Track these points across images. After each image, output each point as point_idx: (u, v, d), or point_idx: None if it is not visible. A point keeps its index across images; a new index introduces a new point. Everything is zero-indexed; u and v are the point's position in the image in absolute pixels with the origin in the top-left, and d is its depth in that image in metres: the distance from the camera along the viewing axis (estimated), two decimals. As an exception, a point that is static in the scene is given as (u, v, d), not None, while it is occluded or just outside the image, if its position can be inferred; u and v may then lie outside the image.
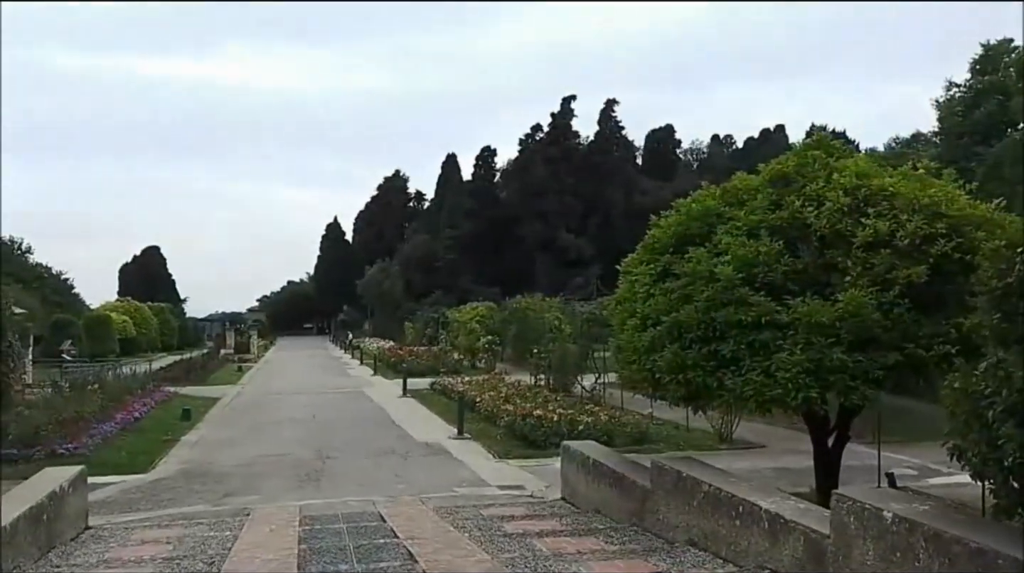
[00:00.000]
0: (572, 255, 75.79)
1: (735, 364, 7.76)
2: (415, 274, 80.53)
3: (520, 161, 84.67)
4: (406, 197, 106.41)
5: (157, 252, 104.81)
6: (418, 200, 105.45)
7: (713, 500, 7.15)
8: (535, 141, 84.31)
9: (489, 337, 38.34)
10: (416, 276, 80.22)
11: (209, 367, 42.72)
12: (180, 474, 14.53)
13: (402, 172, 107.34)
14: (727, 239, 8.23)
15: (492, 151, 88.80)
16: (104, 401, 21.07)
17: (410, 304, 72.29)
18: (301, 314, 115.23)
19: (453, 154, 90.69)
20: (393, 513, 9.80)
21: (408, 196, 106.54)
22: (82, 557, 7.93)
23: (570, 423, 16.18)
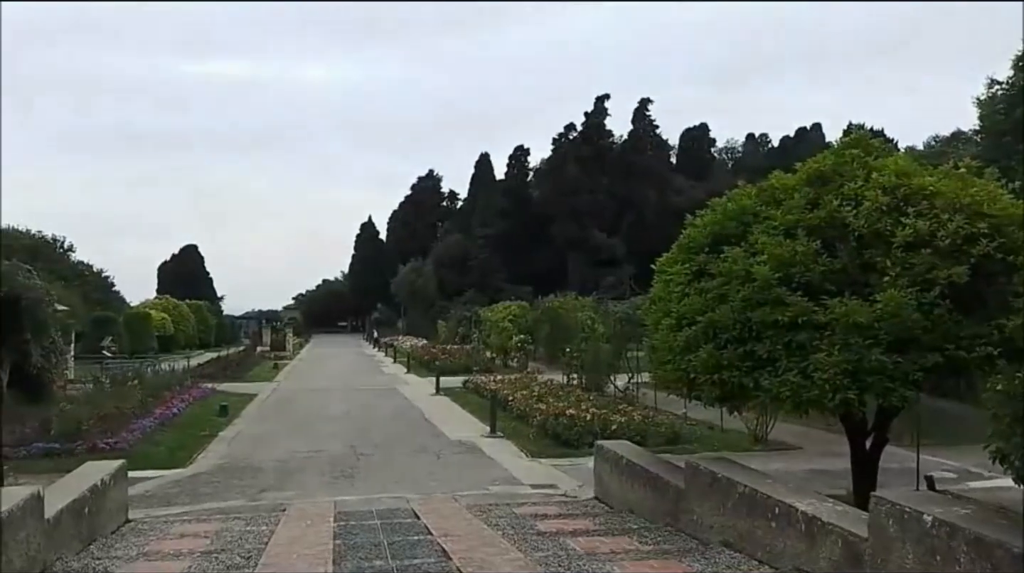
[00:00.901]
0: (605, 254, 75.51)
1: (771, 365, 7.68)
2: (448, 273, 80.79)
3: (553, 160, 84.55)
4: (439, 196, 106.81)
5: (195, 251, 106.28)
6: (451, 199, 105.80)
7: (748, 501, 7.10)
8: (568, 140, 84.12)
9: (521, 336, 38.34)
10: (449, 275, 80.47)
11: (245, 364, 43.23)
12: (217, 469, 14.72)
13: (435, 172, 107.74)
14: (763, 239, 8.15)
15: (525, 150, 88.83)
16: (143, 397, 21.44)
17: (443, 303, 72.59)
18: (335, 312, 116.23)
19: (486, 153, 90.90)
20: (426, 510, 9.86)
21: (441, 195, 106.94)
22: (122, 550, 8.07)
23: (603, 423, 16.14)
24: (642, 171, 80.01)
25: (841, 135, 12.66)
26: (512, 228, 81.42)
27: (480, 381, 27.64)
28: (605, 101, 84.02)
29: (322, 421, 21.14)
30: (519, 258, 79.40)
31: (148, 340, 48.06)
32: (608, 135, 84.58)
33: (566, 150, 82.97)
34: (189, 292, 74.99)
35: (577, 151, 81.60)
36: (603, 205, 78.98)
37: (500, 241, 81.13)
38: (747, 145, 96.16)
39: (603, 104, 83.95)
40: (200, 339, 62.09)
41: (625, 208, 79.09)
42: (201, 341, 61.72)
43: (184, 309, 61.89)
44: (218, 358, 42.59)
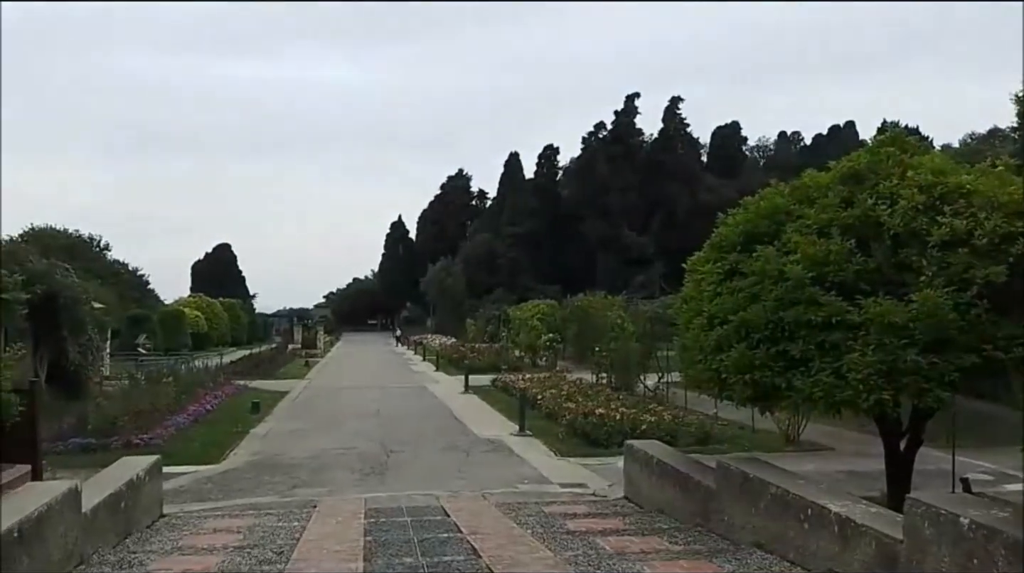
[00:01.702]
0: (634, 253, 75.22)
1: (804, 365, 7.60)
2: (477, 272, 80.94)
3: (583, 159, 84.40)
4: (468, 196, 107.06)
5: (228, 249, 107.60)
6: (480, 199, 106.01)
7: (780, 502, 7.04)
8: (598, 139, 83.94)
9: (550, 335, 38.31)
10: (478, 274, 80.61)
11: (277, 361, 43.65)
12: (250, 465, 14.89)
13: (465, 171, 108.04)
14: (797, 238, 8.06)
15: (555, 149, 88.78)
16: (177, 393, 21.75)
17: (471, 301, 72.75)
18: (365, 310, 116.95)
19: (516, 153, 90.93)
20: (456, 508, 9.89)
21: (471, 195, 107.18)
22: (157, 544, 8.18)
23: (632, 422, 16.09)
24: (672, 169, 79.58)
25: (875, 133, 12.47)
26: (541, 227, 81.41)
27: (509, 380, 27.69)
28: (635, 99, 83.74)
29: (352, 418, 21.30)
30: (548, 257, 79.39)
31: (182, 337, 48.70)
32: (638, 133, 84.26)
33: (596, 149, 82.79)
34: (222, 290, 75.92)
35: (607, 150, 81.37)
36: (633, 204, 78.68)
37: (529, 240, 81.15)
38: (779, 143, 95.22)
39: (633, 102, 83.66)
40: (233, 337, 62.81)
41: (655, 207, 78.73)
42: (234, 339, 62.43)
43: (217, 307, 62.65)
44: (250, 355, 43.04)
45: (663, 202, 78.40)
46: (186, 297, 65.16)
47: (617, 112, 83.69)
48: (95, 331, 22.64)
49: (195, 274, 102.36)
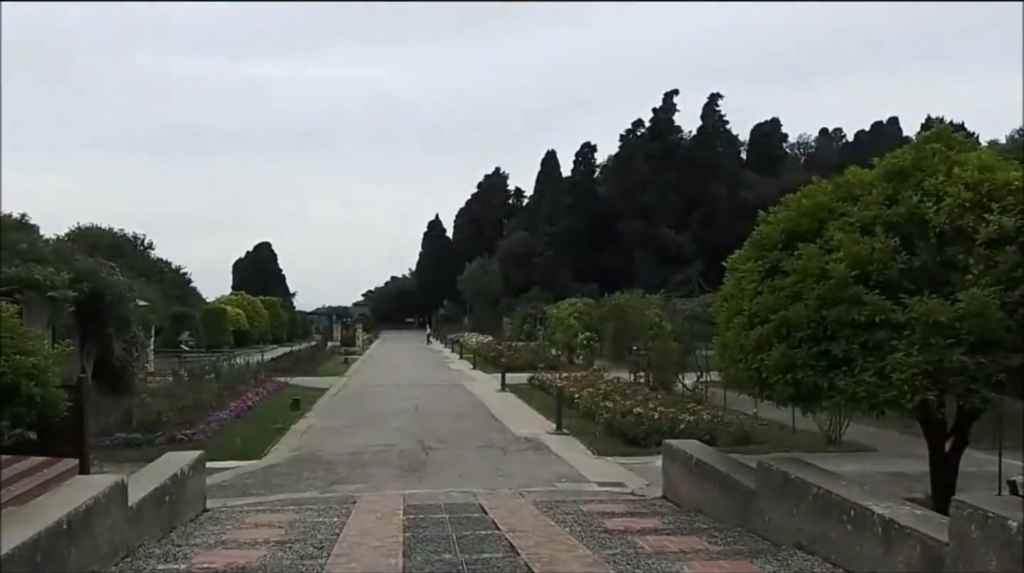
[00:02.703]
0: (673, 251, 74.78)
1: (847, 364, 7.48)
2: (513, 270, 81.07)
3: (621, 157, 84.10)
4: (505, 194, 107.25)
5: (268, 248, 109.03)
6: (517, 197, 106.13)
7: (822, 503, 6.95)
8: (636, 137, 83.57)
9: (587, 333, 38.22)
10: (514, 272, 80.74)
11: (317, 359, 44.13)
12: (291, 461, 15.06)
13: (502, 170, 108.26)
14: (839, 235, 7.93)
15: (592, 147, 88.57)
16: (220, 390, 22.11)
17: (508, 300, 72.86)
18: (403, 308, 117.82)
19: (553, 151, 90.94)
20: (494, 505, 9.91)
21: (507, 193, 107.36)
22: (201, 538, 8.30)
23: (671, 421, 15.99)
24: (711, 167, 78.96)
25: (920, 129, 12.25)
26: (578, 225, 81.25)
27: (545, 378, 27.66)
28: (674, 97, 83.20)
29: (390, 415, 21.45)
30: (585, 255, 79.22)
31: (224, 335, 49.41)
32: (677, 131, 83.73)
33: (634, 146, 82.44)
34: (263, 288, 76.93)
35: (645, 147, 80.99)
36: (671, 201, 78.21)
37: (566, 238, 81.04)
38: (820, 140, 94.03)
39: (672, 100, 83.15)
40: (273, 334, 63.57)
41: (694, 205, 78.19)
42: (274, 336, 63.18)
43: (258, 305, 63.46)
44: (290, 353, 43.57)
45: (702, 200, 77.84)
46: (228, 295, 66.10)
47: (655, 109, 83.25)
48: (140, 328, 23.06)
49: (236, 272, 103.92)
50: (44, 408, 7.94)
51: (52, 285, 15.51)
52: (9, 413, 7.57)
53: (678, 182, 78.62)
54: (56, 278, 15.83)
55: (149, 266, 48.80)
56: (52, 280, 15.56)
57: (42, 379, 7.86)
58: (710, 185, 77.74)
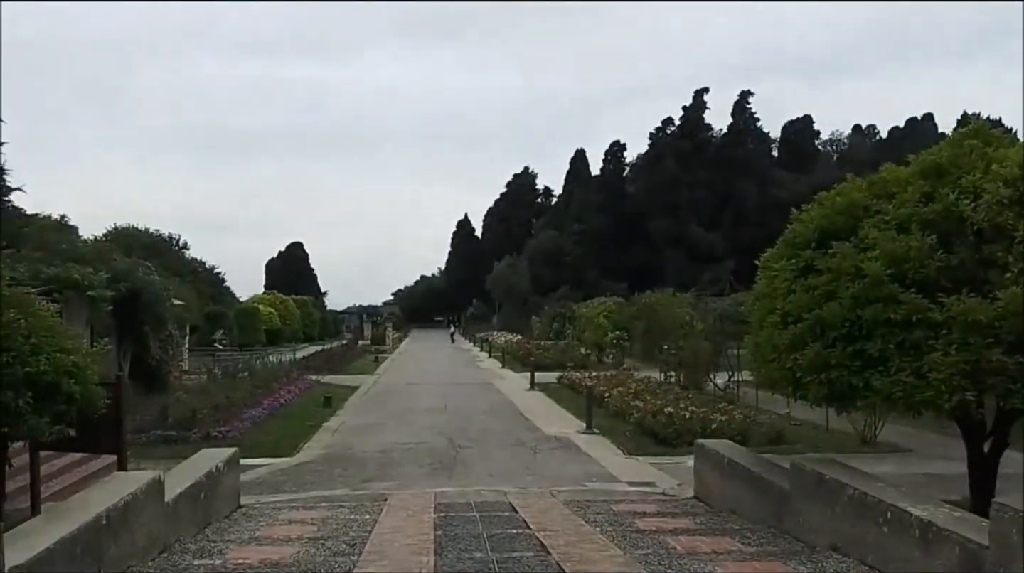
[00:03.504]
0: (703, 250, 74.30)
1: (883, 364, 7.38)
2: (542, 269, 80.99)
3: (650, 155, 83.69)
4: (534, 193, 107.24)
5: (300, 248, 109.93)
6: (546, 196, 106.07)
7: (858, 504, 6.86)
8: (666, 135, 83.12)
9: (617, 332, 38.07)
10: (543, 271, 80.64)
11: (348, 357, 44.46)
12: (322, 459, 15.18)
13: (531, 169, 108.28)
14: (875, 234, 7.82)
15: (621, 146, 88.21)
16: (253, 388, 22.35)
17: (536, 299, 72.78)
18: (432, 307, 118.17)
19: (582, 149, 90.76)
20: (524, 504, 9.90)
21: (536, 192, 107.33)
22: (235, 534, 8.40)
23: (702, 421, 15.89)
24: (742, 165, 78.31)
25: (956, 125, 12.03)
26: (607, 224, 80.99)
27: (575, 377, 27.61)
28: (704, 94, 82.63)
29: (420, 414, 21.54)
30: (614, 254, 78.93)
31: (257, 333, 49.94)
32: (707, 129, 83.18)
33: (664, 144, 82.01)
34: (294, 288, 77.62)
35: (675, 145, 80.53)
36: (701, 200, 77.71)
37: (595, 237, 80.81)
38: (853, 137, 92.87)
39: (702, 98, 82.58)
40: (305, 333, 64.12)
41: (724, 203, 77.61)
42: (306, 335, 63.73)
43: (290, 304, 64.06)
44: (322, 351, 43.91)
45: (732, 198, 77.22)
46: (260, 294, 66.77)
47: (685, 107, 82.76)
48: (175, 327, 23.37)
49: (269, 272, 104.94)
50: (84, 405, 8.08)
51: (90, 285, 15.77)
52: (50, 410, 7.71)
53: (708, 180, 78.09)
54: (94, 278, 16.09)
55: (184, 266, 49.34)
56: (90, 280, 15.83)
57: (81, 377, 8.00)
58: (741, 183, 77.09)
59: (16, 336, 7.61)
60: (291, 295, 67.75)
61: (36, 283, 12.76)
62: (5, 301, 7.88)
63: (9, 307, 7.80)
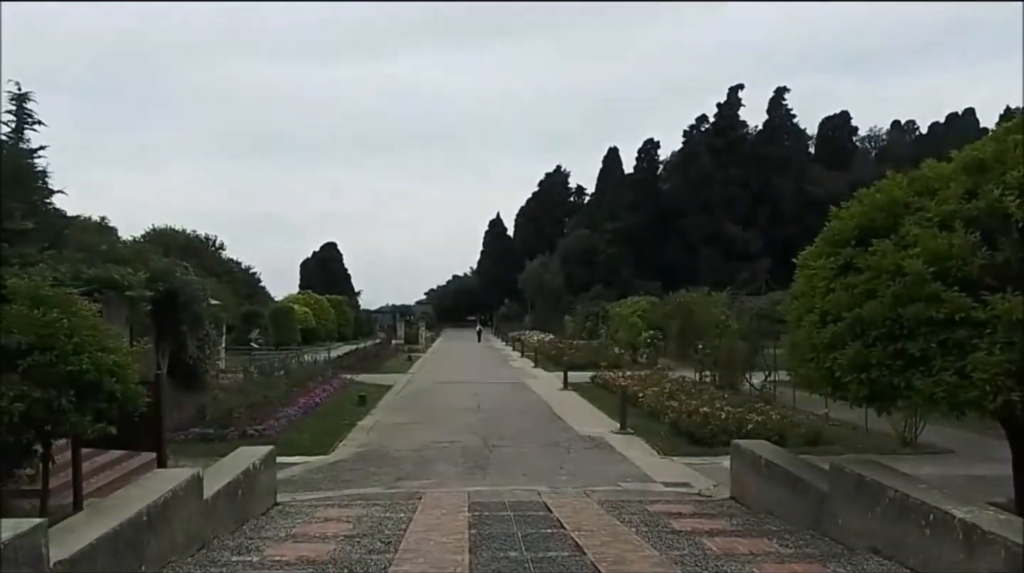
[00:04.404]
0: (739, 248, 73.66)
1: (924, 364, 7.24)
2: (575, 268, 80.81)
3: (684, 153, 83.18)
4: (567, 192, 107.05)
5: (334, 248, 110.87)
6: (578, 195, 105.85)
7: (899, 506, 6.74)
8: (700, 132, 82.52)
9: (651, 331, 37.85)
10: (576, 270, 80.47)
11: (381, 356, 44.71)
12: (357, 457, 15.27)
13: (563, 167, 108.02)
14: (916, 231, 7.67)
15: (655, 144, 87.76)
16: (288, 387, 22.55)
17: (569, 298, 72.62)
18: (464, 307, 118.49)
19: (615, 147, 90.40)
20: (558, 504, 9.88)
21: (568, 191, 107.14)
22: (272, 531, 8.47)
23: (738, 421, 15.72)
24: (778, 162, 77.53)
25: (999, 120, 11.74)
26: (641, 222, 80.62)
27: (608, 377, 27.49)
28: (739, 91, 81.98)
29: (454, 413, 21.58)
30: (648, 252, 78.55)
31: (292, 333, 50.43)
32: (742, 126, 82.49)
33: (698, 142, 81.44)
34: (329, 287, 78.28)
35: (709, 142, 79.94)
36: (736, 197, 77.04)
37: (628, 235, 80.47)
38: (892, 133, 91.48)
39: (737, 95, 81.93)
40: (339, 332, 64.61)
41: (760, 200, 76.89)
42: (340, 334, 64.22)
43: (324, 303, 64.60)
44: (355, 350, 44.20)
45: (768, 195, 76.48)
46: (295, 294, 67.43)
47: (720, 104, 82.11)
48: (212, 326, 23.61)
49: (304, 272, 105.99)
50: (124, 403, 8.21)
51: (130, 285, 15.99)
52: (92, 408, 7.85)
53: (743, 177, 77.40)
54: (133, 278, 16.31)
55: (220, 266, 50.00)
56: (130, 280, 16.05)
57: (122, 375, 8.14)
58: (776, 180, 76.33)
59: (59, 335, 7.76)
60: (325, 295, 68.31)
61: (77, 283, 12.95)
62: (49, 301, 8.04)
63: (52, 307, 7.95)
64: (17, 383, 7.45)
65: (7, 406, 7.30)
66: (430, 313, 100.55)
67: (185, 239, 49.36)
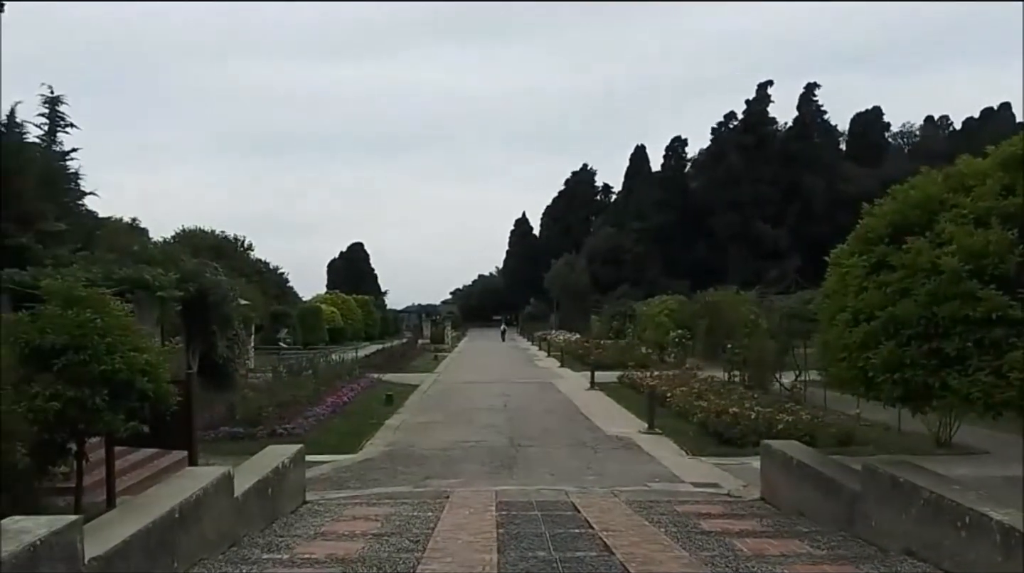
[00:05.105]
0: (768, 246, 73.00)
1: (960, 363, 7.13)
2: (601, 267, 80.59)
3: (712, 150, 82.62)
4: (593, 191, 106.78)
5: (361, 248, 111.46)
6: (605, 193, 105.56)
7: (934, 508, 6.63)
8: (728, 129, 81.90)
9: (679, 331, 37.61)
10: (602, 269, 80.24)
11: (408, 355, 44.86)
12: (385, 456, 15.32)
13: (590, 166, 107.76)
14: (951, 228, 7.54)
15: (683, 141, 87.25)
16: (316, 386, 22.68)
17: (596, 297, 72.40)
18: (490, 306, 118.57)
19: (642, 146, 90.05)
20: (586, 504, 9.84)
21: (595, 190, 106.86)
22: (301, 529, 8.52)
23: (768, 422, 15.58)
24: (808, 159, 76.73)
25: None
26: (668, 220, 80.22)
27: (636, 376, 27.35)
28: (768, 87, 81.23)
29: (480, 412, 21.60)
30: (675, 251, 78.15)
31: (319, 332, 50.72)
32: (771, 122, 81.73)
33: (726, 139, 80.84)
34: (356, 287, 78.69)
35: (738, 140, 79.30)
36: (766, 195, 76.30)
37: (656, 234, 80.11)
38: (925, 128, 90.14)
39: (766, 91, 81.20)
40: (366, 332, 64.91)
41: (790, 198, 76.13)
42: (367, 334, 64.51)
43: (351, 303, 64.93)
44: (382, 350, 44.39)
45: (798, 193, 75.70)
46: (323, 294, 67.85)
47: (748, 101, 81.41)
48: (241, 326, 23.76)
49: (331, 272, 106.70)
50: (156, 402, 8.29)
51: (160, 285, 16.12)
52: (124, 407, 7.94)
53: (773, 175, 76.66)
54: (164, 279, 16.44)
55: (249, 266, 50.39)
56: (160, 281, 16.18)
57: (154, 375, 8.22)
58: (807, 177, 75.53)
59: (92, 335, 7.86)
60: (352, 295, 68.67)
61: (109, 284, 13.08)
62: (82, 301, 8.14)
63: (86, 307, 8.05)
64: (52, 382, 7.56)
65: (42, 405, 7.41)
66: (456, 313, 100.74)
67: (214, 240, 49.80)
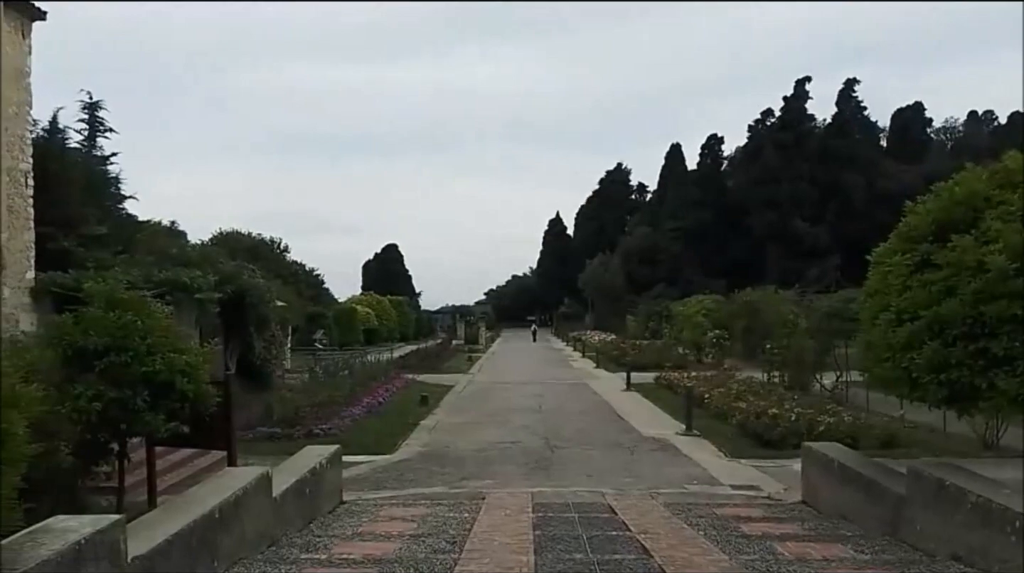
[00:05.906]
0: (807, 245, 71.88)
1: (1008, 363, 6.94)
2: (636, 266, 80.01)
3: (749, 148, 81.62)
4: (628, 190, 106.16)
5: (395, 249, 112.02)
6: (640, 192, 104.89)
7: (982, 512, 6.47)
8: (766, 127, 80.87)
9: (716, 331, 37.21)
10: (637, 268, 79.66)
11: (442, 356, 44.99)
12: (420, 457, 15.36)
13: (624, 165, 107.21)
14: (998, 225, 7.35)
15: (719, 139, 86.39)
16: (352, 386, 22.81)
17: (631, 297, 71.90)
18: (524, 307, 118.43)
19: (677, 144, 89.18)
20: (623, 506, 9.77)
21: (630, 189, 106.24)
22: (338, 529, 8.57)
23: (809, 423, 15.34)
24: (848, 156, 75.40)
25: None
26: (705, 219, 79.40)
27: (673, 377, 27.10)
28: (806, 84, 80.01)
29: (515, 413, 21.57)
30: (712, 250, 77.35)
31: (355, 333, 51.01)
32: (810, 119, 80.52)
33: (764, 136, 79.82)
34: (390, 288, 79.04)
35: (776, 137, 78.22)
36: (804, 193, 75.14)
37: (692, 233, 79.34)
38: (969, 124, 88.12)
39: (804, 87, 79.99)
40: (400, 332, 65.18)
41: (829, 195, 74.89)
42: (401, 334, 64.77)
43: (386, 304, 65.24)
44: (417, 350, 44.56)
45: (838, 190, 74.44)
46: (358, 295, 68.28)
47: (786, 98, 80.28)
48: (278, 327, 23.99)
49: (366, 273, 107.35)
50: (196, 403, 8.39)
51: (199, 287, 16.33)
52: (165, 408, 8.04)
53: (811, 172, 75.51)
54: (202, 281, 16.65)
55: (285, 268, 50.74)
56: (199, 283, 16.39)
57: (194, 376, 8.33)
58: (846, 175, 74.26)
59: (134, 337, 7.97)
60: (387, 295, 69.02)
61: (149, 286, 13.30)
62: (123, 304, 8.26)
63: (127, 309, 8.17)
64: (94, 383, 7.68)
65: (85, 406, 7.53)
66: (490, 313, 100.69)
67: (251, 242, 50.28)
